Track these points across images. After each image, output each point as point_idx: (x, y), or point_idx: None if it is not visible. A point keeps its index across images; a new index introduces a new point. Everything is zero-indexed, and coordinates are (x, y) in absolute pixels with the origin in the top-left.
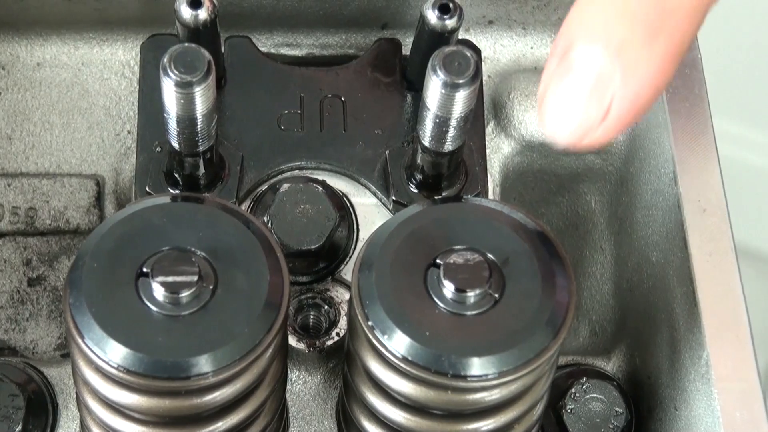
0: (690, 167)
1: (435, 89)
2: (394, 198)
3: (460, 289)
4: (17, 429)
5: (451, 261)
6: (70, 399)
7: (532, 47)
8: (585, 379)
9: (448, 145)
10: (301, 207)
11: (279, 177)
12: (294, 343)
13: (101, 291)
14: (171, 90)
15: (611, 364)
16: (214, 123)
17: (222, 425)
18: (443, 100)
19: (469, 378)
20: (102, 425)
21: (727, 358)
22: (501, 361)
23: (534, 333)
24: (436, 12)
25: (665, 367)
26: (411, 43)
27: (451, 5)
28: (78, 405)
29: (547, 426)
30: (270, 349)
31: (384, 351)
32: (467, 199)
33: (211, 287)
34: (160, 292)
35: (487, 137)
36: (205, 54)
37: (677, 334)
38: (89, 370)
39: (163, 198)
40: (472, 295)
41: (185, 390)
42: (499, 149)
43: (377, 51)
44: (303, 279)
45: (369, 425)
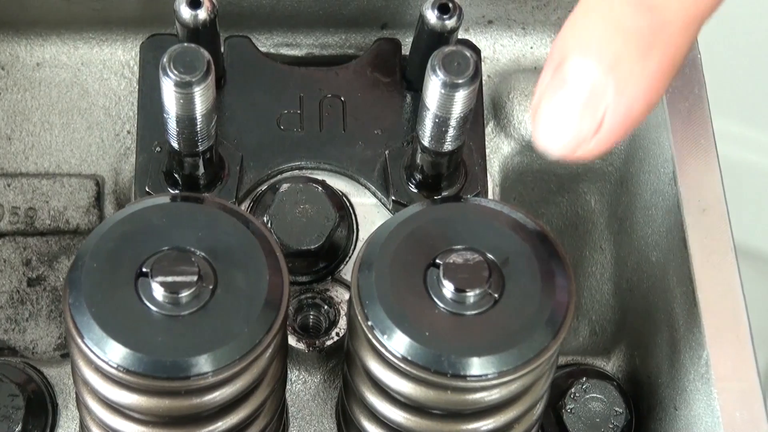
0: (690, 167)
1: (434, 89)
2: (393, 198)
3: (459, 289)
4: (17, 429)
5: (451, 261)
6: (69, 399)
7: (531, 47)
8: (585, 379)
9: (447, 145)
10: (301, 207)
11: (278, 177)
12: (294, 343)
13: (101, 291)
14: (170, 90)
15: (611, 364)
16: (213, 123)
17: (222, 425)
18: (443, 100)
19: (469, 378)
20: (102, 425)
21: (727, 358)
22: (501, 361)
23: (534, 333)
24: (435, 12)
25: (665, 367)
26: (410, 43)
27: (451, 5)
28: (78, 405)
29: (547, 426)
30: (270, 349)
31: (384, 351)
32: (467, 199)
33: (211, 287)
34: (159, 292)
35: (487, 137)
36: (205, 54)
37: (677, 334)
38: (89, 370)
39: (163, 198)
40: (471, 295)
41: (185, 390)
42: (499, 149)
43: (377, 51)
44: (303, 279)
45: (369, 425)
